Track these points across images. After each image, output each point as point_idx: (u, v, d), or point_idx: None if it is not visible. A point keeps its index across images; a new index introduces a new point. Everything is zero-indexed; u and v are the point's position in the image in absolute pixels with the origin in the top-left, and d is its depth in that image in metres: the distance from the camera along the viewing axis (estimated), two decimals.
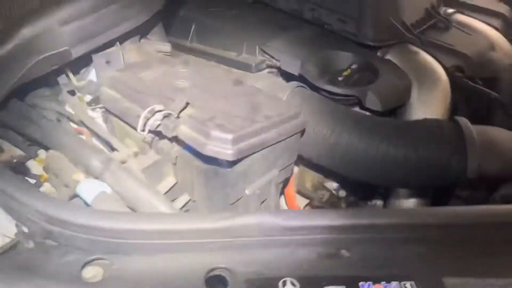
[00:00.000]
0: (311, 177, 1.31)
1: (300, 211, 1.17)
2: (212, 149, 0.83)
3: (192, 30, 1.48)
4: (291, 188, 1.23)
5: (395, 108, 1.25)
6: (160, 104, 0.89)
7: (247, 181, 0.93)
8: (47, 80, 1.06)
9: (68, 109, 1.06)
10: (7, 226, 0.71)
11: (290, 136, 0.95)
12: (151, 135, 0.90)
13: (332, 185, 1.29)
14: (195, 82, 1.03)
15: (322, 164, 1.12)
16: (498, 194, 1.15)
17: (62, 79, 1.08)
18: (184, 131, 0.87)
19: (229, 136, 0.83)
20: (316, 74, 1.24)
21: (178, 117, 0.87)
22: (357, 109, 1.24)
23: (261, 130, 0.89)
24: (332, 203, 1.31)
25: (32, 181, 1.02)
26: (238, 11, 1.53)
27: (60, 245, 0.66)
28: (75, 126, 1.06)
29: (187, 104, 0.88)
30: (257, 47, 1.35)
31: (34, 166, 1.06)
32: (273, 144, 0.92)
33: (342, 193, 1.30)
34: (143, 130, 0.86)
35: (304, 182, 1.32)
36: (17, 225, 0.70)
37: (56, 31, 0.96)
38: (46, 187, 0.97)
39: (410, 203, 1.23)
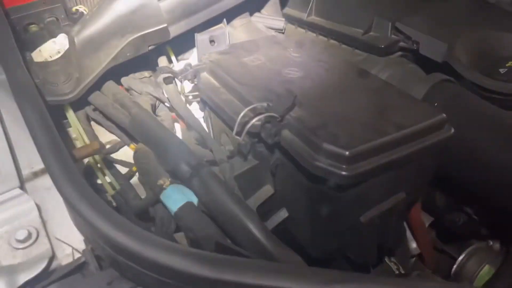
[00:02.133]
0: (443, 194, 1.04)
1: None
2: (321, 166, 0.64)
3: (312, 1, 1.25)
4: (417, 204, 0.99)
5: None
6: (263, 102, 0.71)
7: (364, 206, 0.72)
8: (145, 61, 0.95)
9: (166, 94, 0.95)
10: (78, 239, 0.62)
11: (432, 153, 0.71)
12: (249, 138, 0.74)
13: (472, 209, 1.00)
14: (309, 71, 0.83)
15: (467, 186, 0.85)
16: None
17: (161, 61, 0.97)
18: (289, 138, 0.69)
19: (345, 152, 0.63)
20: (468, 62, 0.94)
21: (282, 120, 0.69)
22: None
23: (389, 145, 0.67)
24: (470, 230, 1.03)
25: (124, 169, 0.95)
26: None
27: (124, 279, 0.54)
28: (171, 113, 0.95)
29: (295, 104, 0.70)
30: (389, 23, 1.08)
31: (129, 153, 0.98)
32: (405, 163, 0.69)
33: (485, 221, 1.00)
34: (239, 134, 0.70)
35: (433, 197, 1.06)
36: (85, 242, 0.60)
37: (153, 6, 0.83)
38: (136, 180, 0.89)
39: None
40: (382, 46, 1.06)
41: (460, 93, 0.86)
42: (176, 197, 0.72)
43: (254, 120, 0.68)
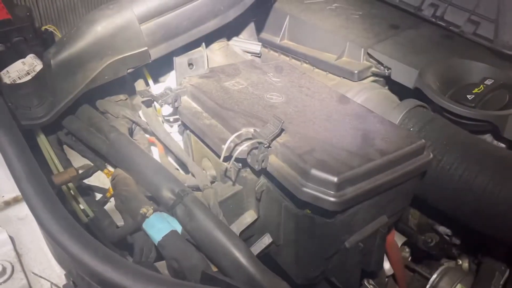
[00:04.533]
0: (416, 214, 1.07)
1: None
2: (309, 193, 0.64)
3: (284, 26, 1.28)
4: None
5: None
6: (248, 127, 0.71)
7: (349, 232, 0.73)
8: (120, 84, 0.93)
9: (143, 117, 0.92)
10: (57, 273, 0.58)
11: (413, 178, 0.73)
12: (235, 163, 0.73)
13: (445, 230, 1.04)
14: (290, 96, 0.84)
15: (441, 208, 0.88)
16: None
17: (138, 84, 0.95)
18: (275, 164, 0.69)
19: (334, 179, 0.63)
20: (438, 89, 0.99)
21: (269, 146, 0.69)
22: (488, 138, 0.97)
23: (375, 170, 0.68)
24: (441, 250, 1.06)
25: (98, 195, 0.91)
26: (340, 5, 1.30)
27: None
28: (148, 136, 0.93)
29: (282, 129, 0.70)
30: (362, 49, 1.12)
31: (102, 178, 0.94)
32: (388, 188, 0.71)
33: (456, 240, 1.04)
34: (226, 160, 0.69)
35: (406, 217, 1.08)
36: (66, 276, 0.57)
37: (135, 29, 0.82)
38: (110, 206, 0.86)
39: None
40: (355, 71, 1.10)
41: (434, 119, 0.90)
42: (160, 226, 0.70)
43: (242, 147, 0.67)
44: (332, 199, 0.63)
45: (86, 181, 0.93)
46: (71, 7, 1.22)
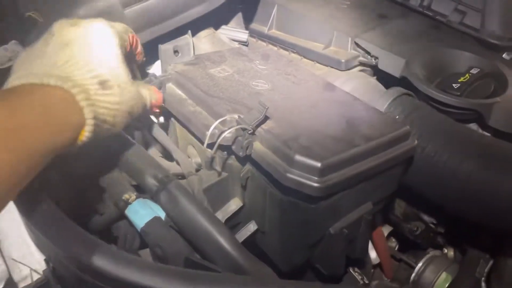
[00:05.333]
0: (402, 203, 1.07)
1: None
2: (294, 179, 0.64)
3: (272, 15, 1.27)
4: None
5: None
6: (233, 114, 0.71)
7: (334, 218, 0.73)
8: None
9: None
10: (36, 259, 0.57)
11: (398, 164, 0.73)
12: (219, 151, 0.72)
13: (430, 218, 1.04)
14: (276, 84, 0.83)
15: (427, 196, 0.88)
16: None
17: None
18: (260, 151, 0.69)
19: (317, 164, 0.63)
20: (424, 78, 0.99)
21: (254, 133, 0.68)
22: (473, 126, 0.98)
23: (359, 156, 0.68)
24: (427, 238, 1.07)
25: None
26: None
27: None
28: None
29: (266, 117, 0.69)
30: (349, 39, 1.12)
31: None
32: (373, 174, 0.71)
33: (441, 229, 1.05)
34: (210, 147, 0.69)
35: (392, 207, 1.09)
36: (46, 261, 0.56)
37: (118, 14, 0.80)
38: None
39: None
40: (343, 61, 1.09)
41: (419, 107, 0.90)
42: (143, 212, 0.69)
43: (226, 133, 0.67)
44: (315, 184, 0.63)
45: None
46: None
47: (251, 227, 0.78)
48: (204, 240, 0.66)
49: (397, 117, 0.88)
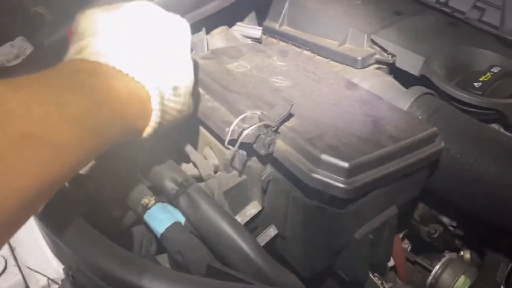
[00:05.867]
0: (420, 205, 1.04)
1: None
2: (319, 179, 0.61)
3: (284, 11, 1.24)
4: None
5: None
6: (254, 110, 0.67)
7: (359, 223, 0.70)
8: None
9: None
10: (54, 268, 0.54)
11: (424, 167, 0.70)
12: (239, 152, 0.69)
13: (449, 221, 1.02)
14: (296, 81, 0.80)
15: (451, 199, 0.85)
16: None
17: None
18: (283, 149, 0.66)
19: (345, 165, 0.60)
20: (444, 76, 0.96)
21: (277, 130, 0.65)
22: (495, 127, 0.95)
23: (387, 157, 0.65)
24: (444, 241, 1.04)
25: None
26: None
27: None
28: None
29: (291, 114, 0.66)
30: (365, 35, 1.09)
31: None
32: (400, 176, 0.68)
33: (460, 232, 1.02)
34: (231, 145, 0.66)
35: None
36: (64, 271, 0.53)
37: None
38: None
39: None
40: (359, 58, 1.06)
41: (443, 107, 0.87)
42: (162, 217, 0.66)
43: (248, 130, 0.64)
44: (342, 185, 0.60)
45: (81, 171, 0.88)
46: None
47: (271, 231, 0.75)
48: (226, 246, 0.63)
49: (419, 117, 0.86)
